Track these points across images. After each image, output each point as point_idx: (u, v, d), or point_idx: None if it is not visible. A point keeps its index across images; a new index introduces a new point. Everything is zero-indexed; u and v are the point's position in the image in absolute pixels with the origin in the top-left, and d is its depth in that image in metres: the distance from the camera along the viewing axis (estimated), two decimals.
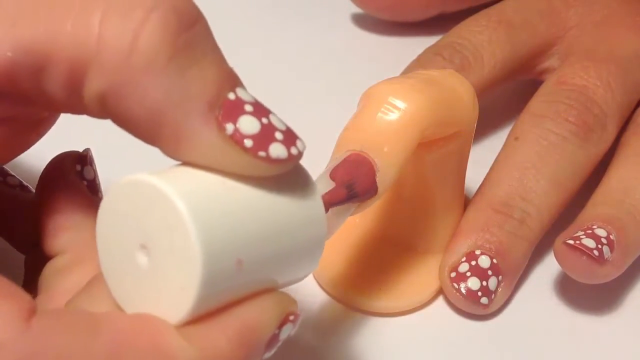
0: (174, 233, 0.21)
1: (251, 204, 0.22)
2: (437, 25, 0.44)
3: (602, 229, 0.32)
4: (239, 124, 0.22)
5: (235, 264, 0.21)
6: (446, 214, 0.34)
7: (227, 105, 0.22)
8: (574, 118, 0.35)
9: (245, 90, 0.22)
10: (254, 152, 0.22)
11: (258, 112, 0.22)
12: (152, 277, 0.22)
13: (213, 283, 0.21)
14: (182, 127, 0.21)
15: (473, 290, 0.32)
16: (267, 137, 0.22)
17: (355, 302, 0.32)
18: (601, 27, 0.39)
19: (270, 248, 0.22)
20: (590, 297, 0.34)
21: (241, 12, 0.46)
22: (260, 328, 0.23)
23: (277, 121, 0.22)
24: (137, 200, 0.21)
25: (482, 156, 0.36)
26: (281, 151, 0.22)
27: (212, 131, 0.21)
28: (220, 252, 0.21)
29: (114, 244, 0.22)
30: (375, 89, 0.30)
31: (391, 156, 0.29)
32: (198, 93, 0.21)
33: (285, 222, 0.23)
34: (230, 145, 0.21)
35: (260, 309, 0.23)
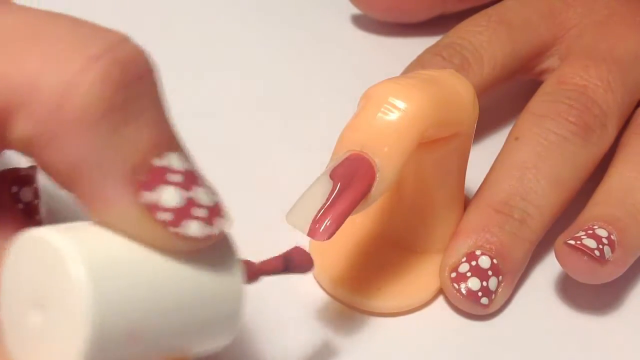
0: (66, 295, 0.20)
1: (159, 275, 0.21)
2: (437, 26, 0.44)
3: (603, 229, 0.32)
4: (158, 195, 0.21)
5: (127, 336, 0.20)
6: (446, 214, 0.34)
7: (152, 172, 0.21)
8: (575, 118, 0.35)
9: (181, 156, 0.21)
10: (168, 227, 0.21)
11: (184, 184, 0.21)
12: (44, 337, 0.21)
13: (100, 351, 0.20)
14: (97, 188, 0.21)
15: (473, 290, 0.32)
16: (186, 212, 0.21)
17: (355, 302, 0.32)
18: (601, 26, 0.39)
19: (173, 320, 0.21)
20: (590, 297, 0.34)
21: (241, 13, 0.46)
22: None
23: (205, 195, 0.21)
24: (36, 256, 0.21)
25: (482, 156, 0.35)
26: (197, 230, 0.21)
27: (127, 198, 0.20)
28: (111, 322, 0.20)
29: (13, 298, 0.21)
30: (375, 89, 0.30)
31: (391, 156, 0.29)
32: (124, 155, 0.20)
33: (195, 294, 0.22)
34: (144, 216, 0.21)
35: None
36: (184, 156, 0.22)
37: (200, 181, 0.22)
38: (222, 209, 0.22)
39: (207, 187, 0.22)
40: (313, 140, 0.35)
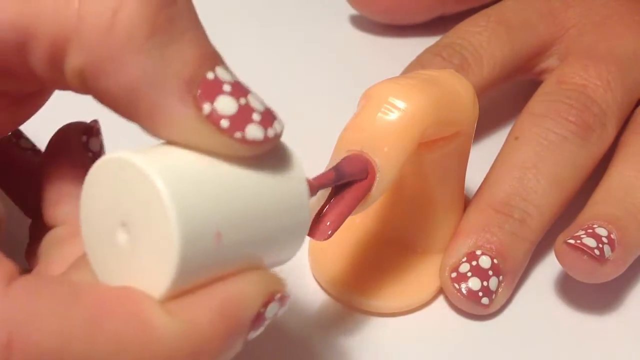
0: (151, 209, 0.21)
1: (231, 181, 0.22)
2: (437, 26, 0.44)
3: (602, 228, 0.32)
4: (216, 104, 0.22)
5: (214, 238, 0.21)
6: (446, 214, 0.34)
7: (205, 84, 0.22)
8: (574, 117, 0.35)
9: (226, 70, 0.22)
10: (230, 133, 0.22)
11: (236, 92, 0.22)
12: (132, 254, 0.22)
13: (192, 257, 0.21)
14: (158, 105, 0.21)
15: (474, 290, 0.32)
16: (244, 118, 0.22)
17: (355, 302, 0.32)
18: (600, 26, 0.39)
19: (250, 224, 0.22)
20: (591, 296, 0.34)
21: (241, 14, 0.46)
22: (244, 304, 0.22)
23: (256, 102, 0.22)
24: (116, 177, 0.22)
25: (482, 156, 0.35)
26: (257, 133, 0.22)
27: (188, 110, 0.21)
28: (197, 226, 0.21)
29: (95, 221, 0.22)
30: (375, 89, 0.30)
31: (391, 156, 0.29)
32: (176, 72, 0.21)
33: (266, 200, 0.23)
34: (206, 125, 0.21)
35: (245, 285, 0.22)
36: (229, 69, 0.23)
37: (250, 90, 0.22)
38: (274, 112, 0.23)
39: (257, 95, 0.23)
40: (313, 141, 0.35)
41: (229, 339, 0.22)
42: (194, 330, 0.21)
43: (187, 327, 0.21)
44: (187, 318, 0.21)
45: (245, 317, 0.23)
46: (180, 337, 0.21)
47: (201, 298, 0.22)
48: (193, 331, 0.21)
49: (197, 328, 0.21)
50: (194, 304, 0.22)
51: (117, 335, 0.21)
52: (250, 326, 0.23)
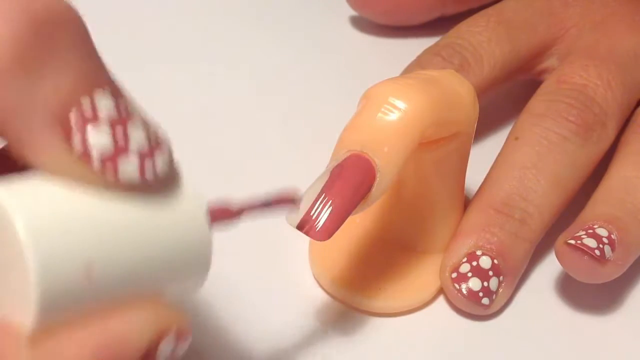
0: (12, 246, 0.20)
1: (107, 208, 0.20)
2: (437, 26, 0.44)
3: (603, 228, 0.32)
4: (88, 137, 0.20)
5: (82, 268, 0.20)
6: (446, 214, 0.34)
7: (78, 114, 0.20)
8: (574, 117, 0.35)
9: (107, 94, 0.20)
10: (102, 172, 0.20)
11: (115, 122, 0.20)
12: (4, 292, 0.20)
13: (55, 289, 0.20)
14: (26, 137, 0.20)
15: (474, 290, 0.32)
16: (119, 154, 0.20)
17: (355, 302, 0.32)
18: (600, 26, 0.39)
19: (131, 253, 0.21)
20: (591, 297, 0.34)
21: (241, 15, 0.46)
22: (126, 342, 0.20)
23: (139, 132, 0.20)
24: None
25: (482, 156, 0.35)
26: (132, 174, 0.20)
27: (56, 144, 0.20)
28: (60, 258, 0.19)
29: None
30: (375, 89, 0.30)
31: (391, 156, 0.29)
32: (44, 101, 0.20)
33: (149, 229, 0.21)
34: (76, 162, 0.20)
35: (129, 320, 0.21)
36: (115, 93, 0.21)
37: (133, 117, 0.21)
38: (160, 143, 0.21)
39: (142, 122, 0.21)
40: (313, 141, 0.35)
41: None
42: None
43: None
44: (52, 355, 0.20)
45: (128, 356, 0.20)
46: None
47: (75, 337, 0.20)
48: None
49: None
50: (67, 344, 0.20)
51: None
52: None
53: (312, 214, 0.28)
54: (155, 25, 0.44)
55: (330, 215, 0.28)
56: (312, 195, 0.28)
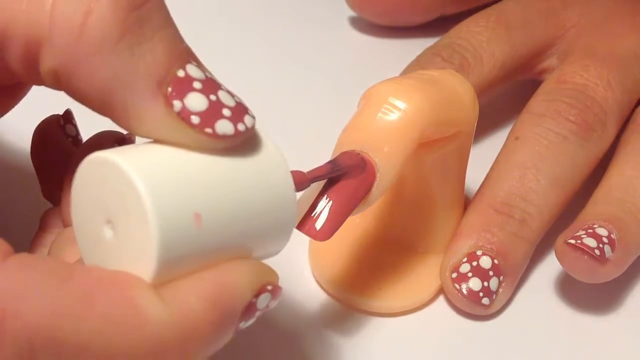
0: (127, 199, 0.21)
1: (208, 168, 0.22)
2: (436, 26, 0.44)
3: (603, 228, 0.32)
4: (186, 101, 0.22)
5: (193, 218, 0.22)
6: (446, 214, 0.34)
7: (175, 82, 0.22)
8: (575, 117, 0.35)
9: (197, 67, 0.23)
10: (201, 129, 0.22)
11: (207, 89, 0.23)
12: (119, 249, 0.22)
13: (173, 237, 0.21)
14: (130, 104, 0.22)
15: (474, 290, 0.32)
16: (215, 113, 0.22)
17: (355, 302, 0.32)
18: (600, 26, 0.39)
19: (230, 207, 0.22)
20: (591, 296, 0.34)
21: (241, 16, 0.46)
22: (236, 293, 0.23)
23: (227, 97, 0.23)
24: (97, 176, 0.22)
25: (482, 156, 0.35)
26: (228, 128, 0.22)
27: (159, 108, 0.22)
28: (173, 206, 0.21)
29: (84, 218, 0.23)
30: (375, 89, 0.30)
31: (391, 156, 0.29)
32: (146, 71, 0.22)
33: (245, 186, 0.23)
34: (177, 122, 0.22)
35: (237, 274, 0.23)
36: (202, 66, 0.23)
37: (221, 86, 0.23)
38: (247, 107, 0.23)
39: (227, 90, 0.23)
40: (313, 141, 0.35)
41: (220, 327, 0.22)
42: (184, 316, 0.22)
43: (177, 313, 0.21)
44: (178, 304, 0.22)
45: (237, 306, 0.23)
46: (171, 322, 0.21)
47: (192, 285, 0.22)
48: (183, 317, 0.22)
49: (188, 314, 0.22)
50: (186, 291, 0.22)
51: (107, 317, 0.21)
52: (242, 316, 0.23)
53: (312, 214, 0.28)
54: None
55: (330, 215, 0.28)
56: (312, 195, 0.28)
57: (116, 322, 0.21)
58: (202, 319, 0.22)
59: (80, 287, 0.21)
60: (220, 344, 0.23)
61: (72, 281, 0.21)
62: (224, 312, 0.22)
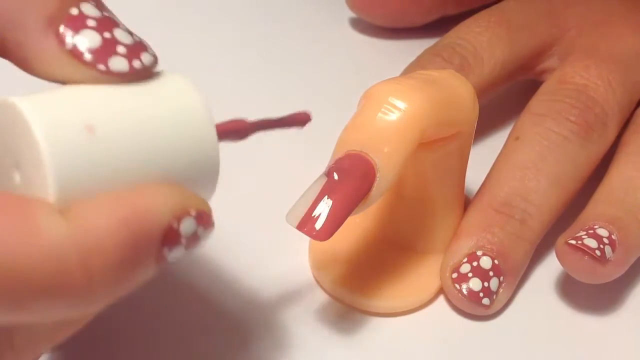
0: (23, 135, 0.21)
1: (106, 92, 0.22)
2: (437, 27, 0.44)
3: (603, 228, 0.32)
4: (77, 38, 0.22)
5: (83, 129, 0.21)
6: (446, 214, 0.33)
7: (67, 20, 0.22)
8: (575, 117, 0.35)
9: (94, 6, 0.23)
10: (93, 65, 0.22)
11: (101, 27, 0.23)
12: (25, 190, 0.22)
13: (63, 148, 0.21)
14: (24, 42, 0.22)
15: (475, 291, 0.32)
16: (108, 50, 0.22)
17: (355, 302, 0.32)
18: (601, 26, 0.39)
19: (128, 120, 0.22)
20: (591, 297, 0.34)
21: (240, 16, 0.46)
22: (149, 214, 0.22)
23: (123, 35, 0.23)
24: (3, 120, 0.22)
25: (482, 156, 0.35)
26: (122, 65, 0.23)
27: (51, 46, 0.22)
28: (60, 118, 0.21)
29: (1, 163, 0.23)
30: (375, 89, 0.30)
31: (391, 156, 0.29)
32: (37, 10, 0.22)
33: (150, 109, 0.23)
34: (69, 59, 0.22)
35: (152, 193, 0.22)
36: (101, 6, 0.23)
37: (118, 24, 0.23)
38: (145, 45, 0.23)
39: (126, 29, 0.23)
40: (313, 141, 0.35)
41: (131, 249, 0.22)
42: (86, 231, 0.21)
43: (79, 228, 0.21)
44: (81, 219, 0.21)
45: (152, 228, 0.22)
46: (70, 236, 0.21)
47: (100, 203, 0.21)
48: (86, 232, 0.21)
49: (91, 230, 0.21)
50: (91, 208, 0.21)
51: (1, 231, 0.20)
52: (162, 241, 0.22)
53: (312, 214, 0.28)
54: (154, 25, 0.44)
55: (330, 215, 0.28)
56: (312, 195, 0.28)
57: (8, 234, 0.20)
58: (108, 236, 0.21)
59: None
60: (135, 270, 0.22)
61: None
62: (134, 232, 0.22)
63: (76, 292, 0.21)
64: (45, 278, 0.21)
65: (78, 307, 0.21)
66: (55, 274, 0.21)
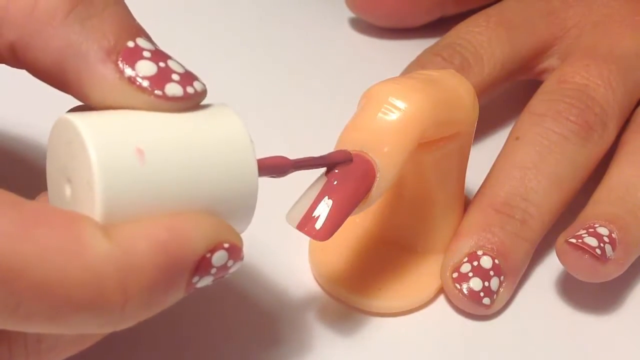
0: (78, 153, 0.22)
1: (160, 118, 0.23)
2: (437, 27, 0.44)
3: (604, 227, 0.32)
4: (136, 68, 0.24)
5: (134, 152, 0.22)
6: (446, 214, 0.33)
7: (125, 52, 0.24)
8: (575, 117, 0.35)
9: (147, 40, 0.24)
10: (151, 91, 0.23)
11: (156, 58, 0.24)
12: (74, 206, 0.23)
13: (113, 170, 0.22)
14: (83, 72, 0.23)
15: (475, 290, 0.32)
16: (164, 78, 0.24)
17: (355, 302, 0.32)
18: (601, 26, 0.39)
19: (178, 149, 0.23)
20: (592, 296, 0.34)
21: (240, 17, 0.46)
22: (187, 241, 0.23)
23: (176, 65, 0.24)
24: (59, 136, 0.24)
25: (482, 156, 0.35)
26: (177, 90, 0.24)
27: (111, 74, 0.23)
28: (113, 141, 0.22)
29: (52, 180, 0.24)
30: (375, 89, 0.30)
31: (391, 156, 0.29)
32: (97, 42, 0.23)
33: (200, 140, 0.23)
34: (128, 86, 0.23)
35: (191, 223, 0.23)
36: (152, 41, 0.25)
37: (170, 56, 0.25)
38: (196, 76, 0.25)
39: (177, 61, 0.25)
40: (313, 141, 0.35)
41: (166, 273, 0.22)
42: (127, 252, 0.22)
43: (120, 248, 0.22)
44: (123, 240, 0.22)
45: (187, 256, 0.23)
46: (111, 255, 0.21)
47: (142, 226, 0.22)
48: (126, 253, 0.22)
49: (131, 251, 0.22)
50: (134, 230, 0.22)
51: (44, 241, 0.21)
52: (194, 270, 0.23)
53: (312, 214, 0.28)
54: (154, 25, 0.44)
55: (330, 215, 0.28)
56: (312, 195, 0.28)
57: (53, 247, 0.21)
58: (146, 259, 0.22)
59: (26, 213, 0.21)
60: (167, 294, 0.23)
61: (20, 207, 0.21)
62: (171, 258, 0.22)
63: (111, 310, 0.22)
64: (85, 294, 0.21)
65: (109, 324, 0.22)
66: (94, 291, 0.21)
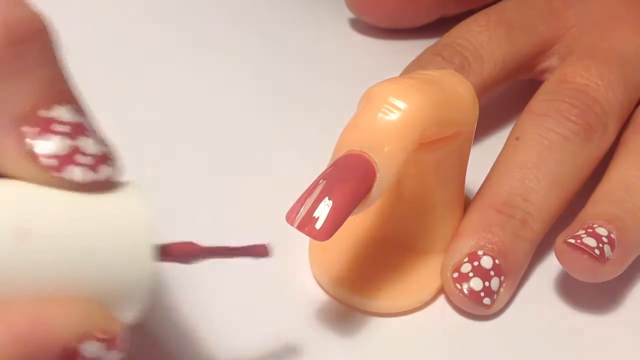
0: None
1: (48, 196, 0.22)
2: (437, 27, 0.44)
3: (603, 227, 0.32)
4: (39, 142, 0.22)
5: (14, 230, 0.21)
6: (446, 214, 0.34)
7: (35, 122, 0.22)
8: (576, 117, 0.35)
9: (69, 110, 0.23)
10: (48, 171, 0.22)
11: (71, 134, 0.22)
12: None
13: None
14: None
15: (475, 290, 0.32)
16: (67, 159, 0.22)
17: (355, 302, 0.32)
18: (601, 26, 0.39)
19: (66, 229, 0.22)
20: (591, 296, 0.34)
21: (240, 18, 0.46)
22: (51, 331, 0.21)
23: (92, 145, 0.23)
24: None
25: (482, 156, 0.35)
26: (80, 175, 0.22)
27: (13, 146, 0.22)
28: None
29: None
30: (375, 89, 0.30)
31: (391, 156, 0.29)
32: (8, 107, 0.22)
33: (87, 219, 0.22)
34: (26, 161, 0.22)
35: (60, 310, 0.21)
36: (76, 109, 0.23)
37: (88, 132, 0.23)
38: (110, 158, 0.23)
39: (97, 138, 0.23)
40: (313, 141, 0.35)
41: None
42: None
43: None
44: None
45: (49, 347, 0.21)
46: None
47: (4, 315, 0.21)
48: None
49: None
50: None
51: None
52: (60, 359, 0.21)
53: (312, 214, 0.28)
54: (154, 27, 0.44)
55: (330, 215, 0.28)
56: (312, 195, 0.28)
57: None
58: (4, 352, 0.20)
59: None
60: None
61: None
62: (30, 349, 0.21)
63: None
64: None
65: None
66: None
